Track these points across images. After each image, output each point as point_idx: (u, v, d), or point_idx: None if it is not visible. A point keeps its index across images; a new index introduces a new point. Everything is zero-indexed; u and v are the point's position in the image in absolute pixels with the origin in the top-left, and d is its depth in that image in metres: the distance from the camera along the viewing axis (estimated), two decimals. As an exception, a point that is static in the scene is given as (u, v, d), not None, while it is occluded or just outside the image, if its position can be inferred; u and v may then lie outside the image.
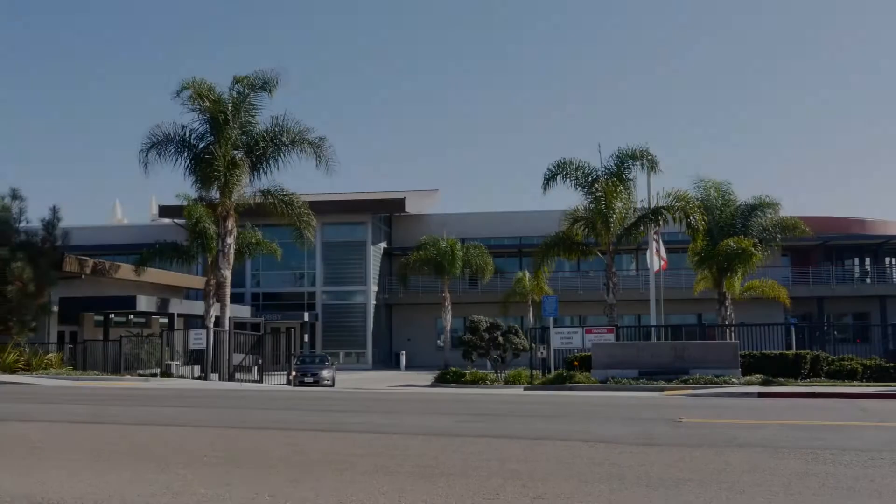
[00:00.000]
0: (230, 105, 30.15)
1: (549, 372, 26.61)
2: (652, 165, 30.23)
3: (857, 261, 55.03)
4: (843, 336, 49.05)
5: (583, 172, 30.33)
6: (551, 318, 30.03)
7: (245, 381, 29.67)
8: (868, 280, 53.33)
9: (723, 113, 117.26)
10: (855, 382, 21.79)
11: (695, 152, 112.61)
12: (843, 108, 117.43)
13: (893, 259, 54.98)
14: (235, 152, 30.33)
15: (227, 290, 30.82)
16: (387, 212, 54.10)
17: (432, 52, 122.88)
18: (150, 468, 7.29)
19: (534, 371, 27.91)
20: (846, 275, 54.02)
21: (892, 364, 23.87)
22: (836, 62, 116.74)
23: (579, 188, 30.38)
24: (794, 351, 24.95)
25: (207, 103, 29.66)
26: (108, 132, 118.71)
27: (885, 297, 49.93)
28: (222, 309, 30.59)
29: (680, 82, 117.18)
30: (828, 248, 52.70)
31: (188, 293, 44.03)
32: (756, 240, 31.32)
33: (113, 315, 36.02)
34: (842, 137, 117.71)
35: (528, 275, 42.43)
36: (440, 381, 28.90)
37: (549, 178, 30.58)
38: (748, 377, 22.17)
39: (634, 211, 30.76)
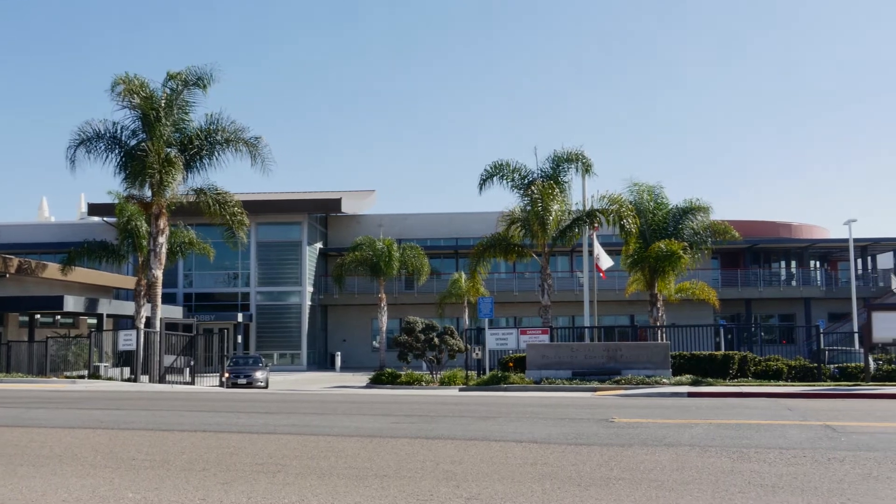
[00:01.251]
0: (163, 101, 29.60)
1: (485, 373, 26.73)
2: (587, 168, 30.62)
3: (783, 264, 56.59)
4: (770, 337, 50.45)
5: (519, 174, 30.57)
6: (487, 320, 30.21)
7: (176, 382, 29.20)
8: (794, 282, 54.84)
9: (655, 117, 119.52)
10: (781, 382, 22.41)
11: (627, 156, 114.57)
12: (770, 114, 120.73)
13: (818, 262, 56.73)
14: (169, 150, 29.80)
15: (159, 291, 30.27)
16: (323, 212, 53.71)
17: (371, 52, 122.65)
18: (75, 472, 7.13)
19: (469, 372, 28.01)
20: (773, 277, 55.50)
21: (815, 364, 24.56)
22: (761, 66, 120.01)
23: (516, 190, 30.61)
24: (722, 352, 25.50)
25: (138, 100, 29.09)
26: (35, 126, 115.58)
27: (809, 300, 51.45)
28: (153, 309, 30.01)
29: (613, 86, 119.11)
30: (756, 251, 54.09)
31: (118, 293, 43.13)
32: (687, 243, 31.86)
33: (39, 315, 35.09)
34: (771, 142, 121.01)
35: (464, 276, 42.59)
36: (375, 382, 28.81)
37: (486, 179, 30.76)
38: (679, 377, 22.64)
39: (570, 213, 31.04)
